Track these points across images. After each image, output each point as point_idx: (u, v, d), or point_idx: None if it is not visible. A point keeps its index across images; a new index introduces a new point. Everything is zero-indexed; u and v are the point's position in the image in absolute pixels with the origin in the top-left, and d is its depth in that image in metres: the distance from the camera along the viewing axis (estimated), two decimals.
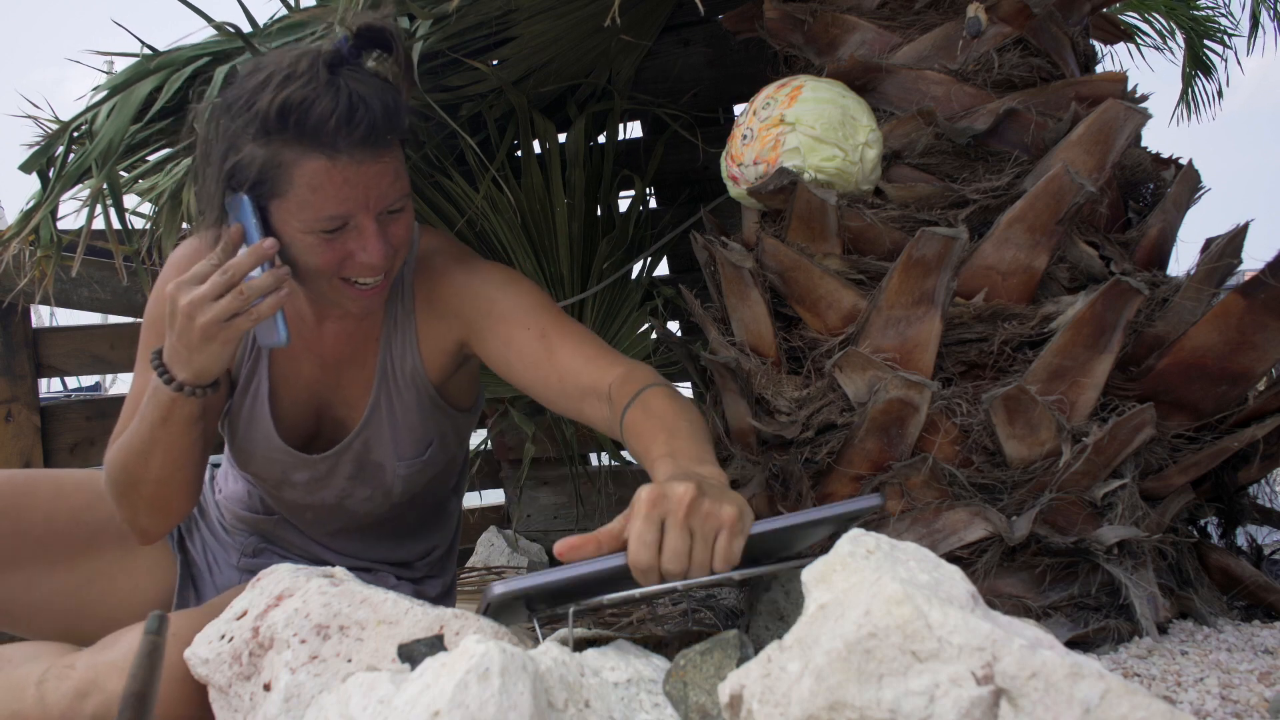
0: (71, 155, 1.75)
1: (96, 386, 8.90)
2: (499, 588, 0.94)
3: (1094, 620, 1.35)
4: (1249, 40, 3.60)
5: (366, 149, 1.20)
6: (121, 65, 1.79)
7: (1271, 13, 3.51)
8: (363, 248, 1.24)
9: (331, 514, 1.50)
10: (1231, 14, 3.63)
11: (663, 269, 2.49)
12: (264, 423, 1.43)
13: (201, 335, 1.19)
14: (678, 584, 0.94)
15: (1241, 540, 1.61)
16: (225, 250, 1.21)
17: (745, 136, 1.52)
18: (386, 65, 1.28)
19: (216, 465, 1.63)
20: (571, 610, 0.96)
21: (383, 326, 1.43)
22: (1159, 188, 1.59)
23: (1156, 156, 1.62)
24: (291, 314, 1.40)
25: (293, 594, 1.00)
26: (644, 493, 0.93)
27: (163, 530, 1.38)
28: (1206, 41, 3.65)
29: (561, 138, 2.31)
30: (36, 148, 1.74)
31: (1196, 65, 3.73)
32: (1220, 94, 3.86)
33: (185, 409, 1.26)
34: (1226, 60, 3.73)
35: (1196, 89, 3.83)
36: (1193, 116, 3.94)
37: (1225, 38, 3.63)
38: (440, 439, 1.48)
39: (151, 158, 1.86)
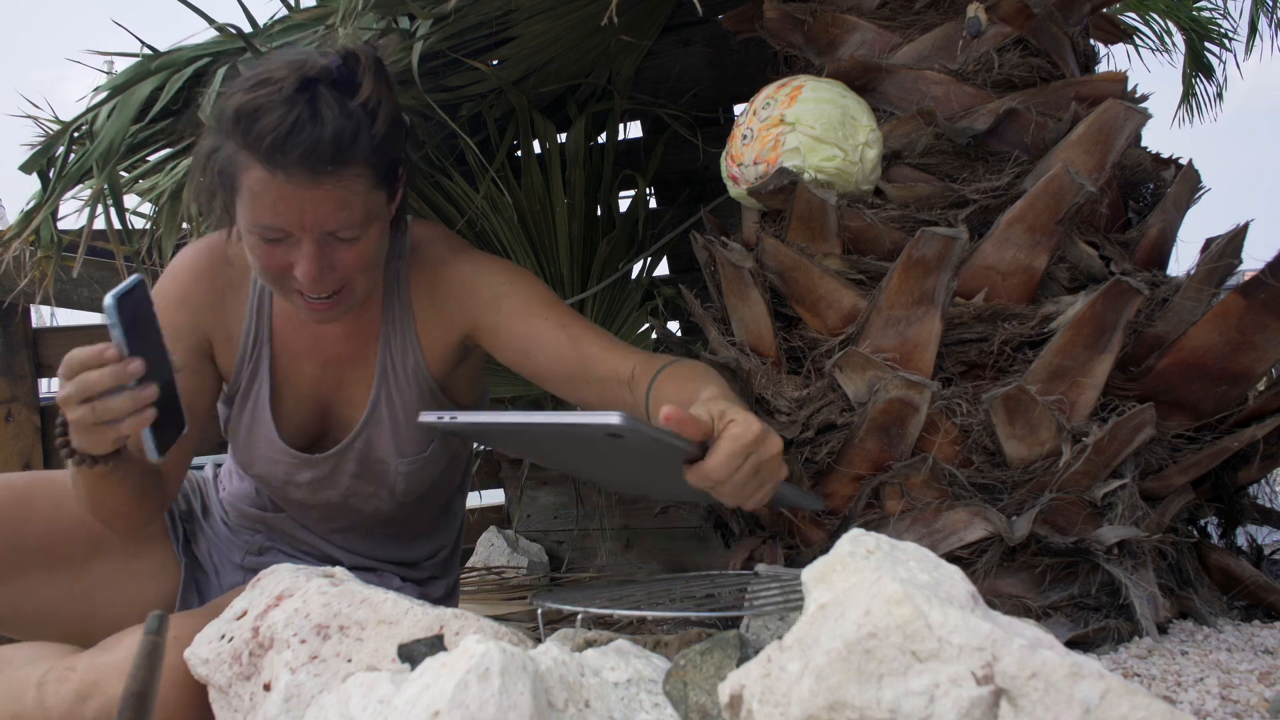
0: (72, 155, 1.75)
1: None
2: (428, 417, 1.11)
3: (1094, 620, 1.35)
4: (1247, 44, 3.59)
5: (304, 171, 1.18)
6: (122, 65, 1.79)
7: (1270, 19, 3.51)
8: (299, 263, 1.24)
9: (337, 512, 1.50)
10: (1230, 15, 3.63)
11: (663, 269, 2.49)
12: (265, 425, 1.43)
13: (73, 428, 1.11)
14: (690, 614, 1.08)
15: (1241, 540, 1.61)
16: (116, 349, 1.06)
17: (745, 136, 1.52)
18: (373, 91, 1.24)
19: (219, 465, 1.63)
20: (580, 616, 0.97)
21: (382, 324, 1.43)
22: (1159, 188, 1.59)
23: (1156, 156, 1.62)
24: (290, 312, 1.40)
25: (293, 594, 1.00)
26: (755, 427, 1.03)
27: (140, 530, 1.40)
28: (1207, 44, 3.64)
29: (561, 138, 2.30)
30: (37, 148, 1.74)
31: (1197, 67, 3.72)
32: (1220, 95, 3.85)
33: (93, 474, 1.18)
34: (1225, 62, 3.74)
35: (1198, 91, 3.83)
36: (1194, 119, 3.94)
37: (1225, 40, 3.63)
38: (442, 435, 1.48)
39: (152, 158, 1.86)
